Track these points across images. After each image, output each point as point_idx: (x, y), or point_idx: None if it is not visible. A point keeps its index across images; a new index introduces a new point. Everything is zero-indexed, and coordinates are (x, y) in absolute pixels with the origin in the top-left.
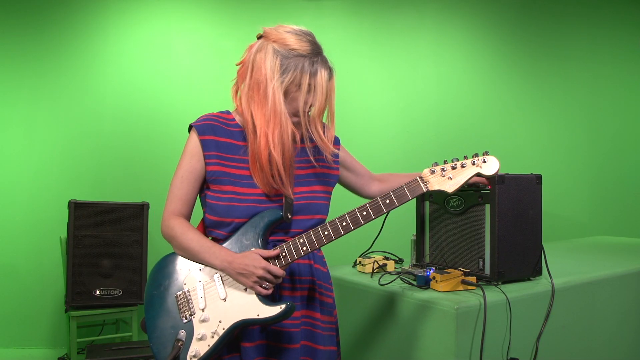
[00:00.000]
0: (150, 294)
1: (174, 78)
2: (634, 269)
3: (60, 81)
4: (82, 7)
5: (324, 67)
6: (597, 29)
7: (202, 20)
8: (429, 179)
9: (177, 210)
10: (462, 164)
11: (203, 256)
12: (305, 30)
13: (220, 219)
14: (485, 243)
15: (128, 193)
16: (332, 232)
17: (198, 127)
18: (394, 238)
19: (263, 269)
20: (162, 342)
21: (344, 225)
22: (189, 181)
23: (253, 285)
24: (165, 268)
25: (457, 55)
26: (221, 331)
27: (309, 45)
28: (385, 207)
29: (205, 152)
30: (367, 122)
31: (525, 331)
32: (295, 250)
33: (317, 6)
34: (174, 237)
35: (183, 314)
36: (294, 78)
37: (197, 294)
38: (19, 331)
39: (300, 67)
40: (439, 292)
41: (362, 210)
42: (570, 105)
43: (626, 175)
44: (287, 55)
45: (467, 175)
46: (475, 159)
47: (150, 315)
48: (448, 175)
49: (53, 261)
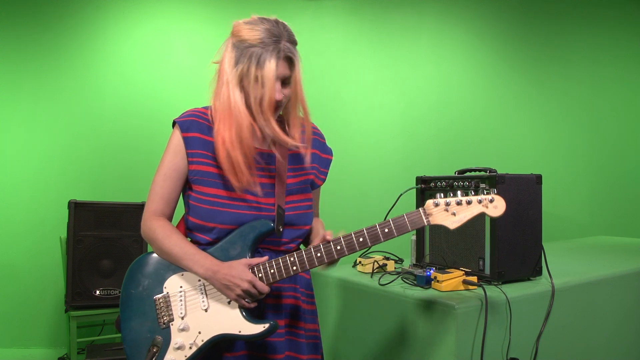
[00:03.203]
0: (127, 293)
1: (174, 78)
2: (634, 269)
3: (60, 81)
4: (82, 7)
5: (273, 56)
6: (597, 29)
7: (202, 20)
8: (432, 211)
9: (159, 210)
10: (467, 201)
11: (186, 263)
12: (266, 18)
13: (202, 223)
14: (485, 243)
15: (128, 193)
16: (325, 255)
17: (181, 123)
18: (394, 238)
19: (249, 283)
20: (136, 346)
21: (338, 249)
22: (172, 179)
23: (237, 298)
24: (145, 267)
25: (457, 55)
26: (200, 343)
27: (260, 33)
28: (383, 236)
29: (188, 150)
30: (367, 122)
31: (525, 331)
32: (285, 269)
33: (317, 6)
34: (155, 239)
35: (161, 319)
36: (242, 69)
37: (178, 300)
38: (19, 331)
39: (248, 58)
40: (439, 292)
41: (358, 236)
42: (570, 105)
43: (626, 175)
44: (239, 47)
45: (471, 213)
46: (482, 197)
47: (126, 315)
48: (452, 211)
49: (53, 261)
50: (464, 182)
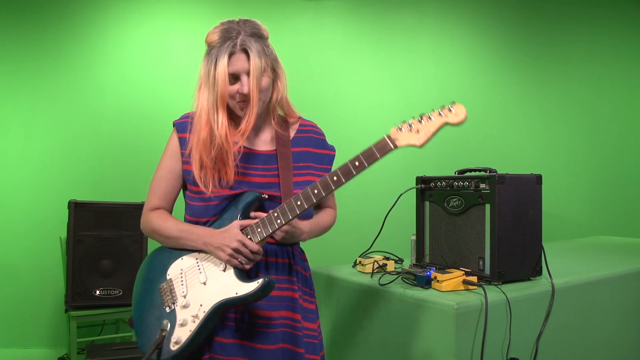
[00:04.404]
0: (136, 291)
1: (174, 78)
2: (634, 269)
3: (60, 81)
4: (82, 7)
5: (227, 52)
6: (597, 29)
7: (202, 20)
8: (397, 135)
9: (155, 204)
10: (428, 117)
11: (184, 241)
12: (228, 20)
13: (196, 219)
14: (485, 243)
15: (128, 193)
16: (304, 201)
17: (177, 124)
18: (394, 238)
19: (238, 242)
20: (147, 335)
21: (315, 192)
22: (168, 180)
23: (228, 258)
24: (150, 262)
25: (457, 55)
26: (202, 315)
27: (218, 34)
28: (354, 169)
29: (183, 150)
30: (367, 122)
31: (525, 331)
32: (270, 223)
33: (317, 6)
34: (153, 229)
35: (166, 304)
36: (206, 73)
37: (179, 282)
38: (19, 331)
39: (209, 60)
40: (439, 292)
41: (332, 175)
42: (570, 105)
43: (626, 175)
44: (207, 52)
45: (434, 125)
46: (441, 109)
47: (137, 311)
48: (416, 129)
49: (53, 261)
50: (464, 182)
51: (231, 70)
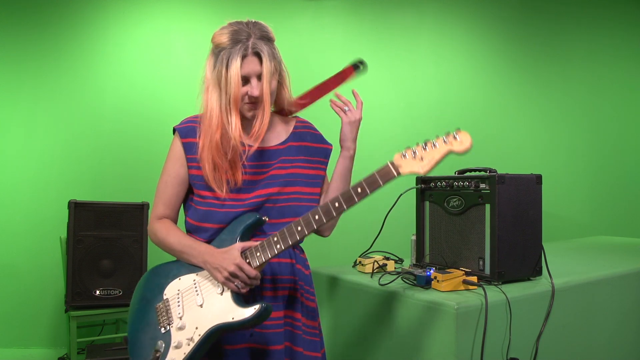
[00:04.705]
0: (132, 310)
1: (174, 78)
2: (634, 269)
3: (60, 81)
4: (82, 7)
5: (240, 54)
6: (597, 29)
7: (202, 20)
8: (401, 162)
9: (161, 213)
10: (433, 144)
11: (186, 256)
12: (238, 21)
13: (198, 224)
14: (485, 243)
15: (128, 193)
16: (304, 227)
17: (180, 130)
18: (394, 238)
19: (235, 265)
20: (141, 355)
21: (316, 218)
22: (173, 185)
23: (225, 281)
24: (147, 281)
25: (457, 55)
26: (197, 338)
27: (228, 36)
28: (357, 196)
29: (188, 156)
30: (367, 122)
31: (525, 331)
32: (269, 247)
33: (317, 6)
34: (159, 241)
35: (162, 325)
36: (217, 74)
37: (176, 303)
38: (19, 331)
39: (220, 61)
40: (440, 292)
41: (333, 202)
42: (570, 105)
43: (626, 175)
44: (215, 52)
45: (439, 153)
46: (445, 136)
47: (132, 329)
48: (420, 157)
49: (53, 261)
50: (464, 182)
51: (243, 73)
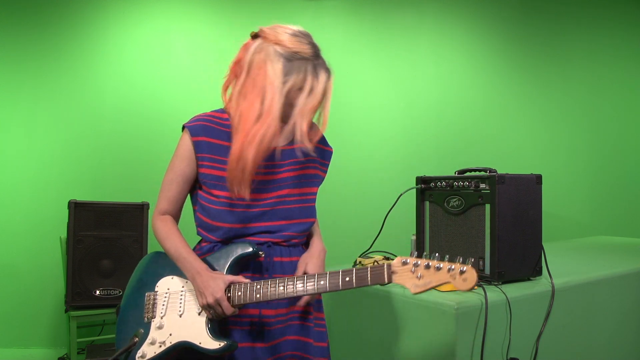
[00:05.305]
0: (130, 284)
1: (174, 78)
2: (634, 269)
3: (60, 81)
4: (82, 7)
5: (324, 69)
6: (597, 29)
7: (202, 20)
8: (397, 270)
9: (164, 209)
10: (436, 267)
11: (179, 264)
12: (304, 31)
13: (210, 222)
14: (485, 243)
15: (128, 193)
16: (286, 293)
17: (191, 128)
18: (394, 238)
19: (215, 300)
20: (123, 332)
21: (298, 289)
22: (178, 183)
23: (202, 306)
24: (150, 263)
25: (457, 55)
26: (168, 344)
27: (310, 47)
28: (342, 284)
29: (198, 154)
30: (367, 122)
31: (525, 331)
32: (250, 294)
33: (317, 6)
34: (158, 239)
35: (146, 314)
36: (297, 81)
37: (162, 300)
38: (19, 331)
39: (304, 70)
40: (439, 292)
41: (320, 278)
42: (570, 105)
43: (626, 175)
44: (289, 58)
45: (437, 280)
46: (452, 264)
47: (125, 303)
48: (418, 274)
49: (53, 261)
50: (464, 182)
51: (327, 88)
